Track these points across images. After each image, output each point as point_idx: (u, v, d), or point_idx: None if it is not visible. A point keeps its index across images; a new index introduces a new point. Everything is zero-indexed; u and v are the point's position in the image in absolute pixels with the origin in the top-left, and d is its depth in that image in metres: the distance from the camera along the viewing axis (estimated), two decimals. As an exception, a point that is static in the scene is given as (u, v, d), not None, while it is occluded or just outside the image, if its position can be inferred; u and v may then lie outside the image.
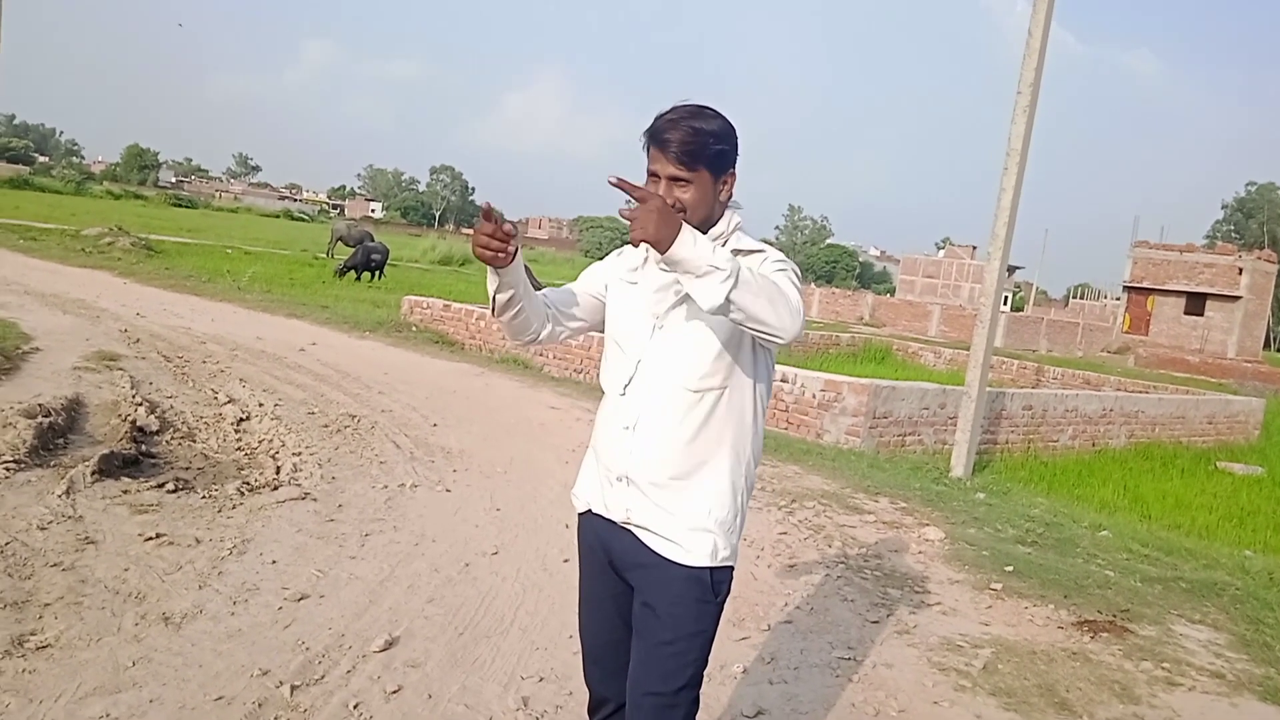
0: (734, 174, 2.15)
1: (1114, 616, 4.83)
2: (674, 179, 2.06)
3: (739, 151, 2.14)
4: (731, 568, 2.17)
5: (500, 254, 2.01)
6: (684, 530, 2.11)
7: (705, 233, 2.09)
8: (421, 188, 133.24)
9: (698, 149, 2.04)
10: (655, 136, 2.07)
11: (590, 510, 2.27)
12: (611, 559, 2.24)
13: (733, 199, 2.18)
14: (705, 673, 2.21)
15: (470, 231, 2.44)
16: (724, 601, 2.18)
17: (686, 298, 2.10)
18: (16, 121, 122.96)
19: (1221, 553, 6.51)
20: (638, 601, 2.18)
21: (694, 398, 2.12)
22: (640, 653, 2.17)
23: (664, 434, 2.13)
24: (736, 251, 2.09)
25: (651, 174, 2.10)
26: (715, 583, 2.13)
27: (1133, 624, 4.76)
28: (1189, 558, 6.20)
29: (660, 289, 2.17)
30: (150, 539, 4.17)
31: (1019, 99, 8.10)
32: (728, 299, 1.82)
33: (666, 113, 2.09)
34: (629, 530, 2.17)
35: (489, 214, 1.98)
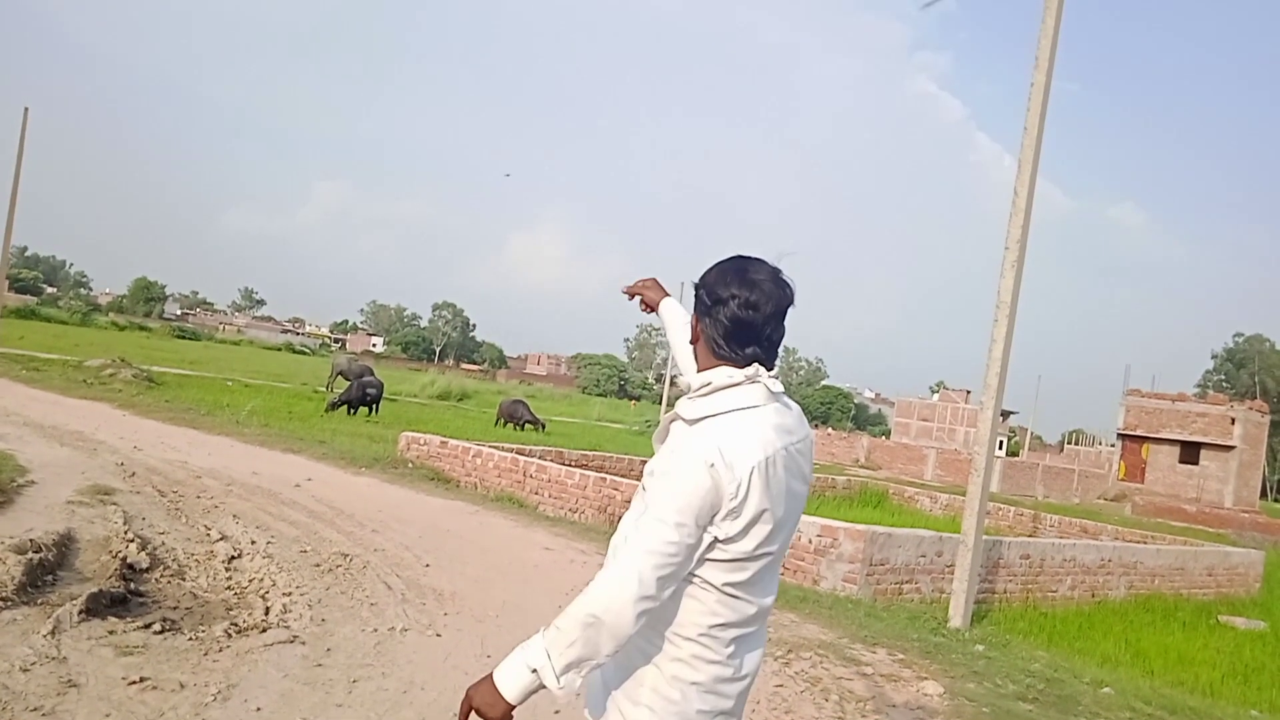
0: (696, 318, 2.10)
1: (1119, 780, 4.70)
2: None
3: (707, 301, 2.07)
4: None
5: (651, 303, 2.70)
6: (598, 683, 2.07)
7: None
8: (423, 323, 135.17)
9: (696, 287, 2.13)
10: None
11: None
12: None
13: (755, 367, 2.04)
14: None
15: (469, 367, 2.75)
16: None
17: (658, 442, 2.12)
18: (29, 253, 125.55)
19: (1226, 712, 6.38)
20: None
21: (612, 551, 2.12)
22: None
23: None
24: (679, 413, 2.04)
25: None
26: None
27: (1138, 789, 4.62)
28: (1194, 718, 6.07)
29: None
30: (134, 683, 4.10)
31: (1007, 255, 8.38)
32: (563, 672, 1.86)
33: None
34: None
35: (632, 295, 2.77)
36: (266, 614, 5.42)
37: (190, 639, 4.78)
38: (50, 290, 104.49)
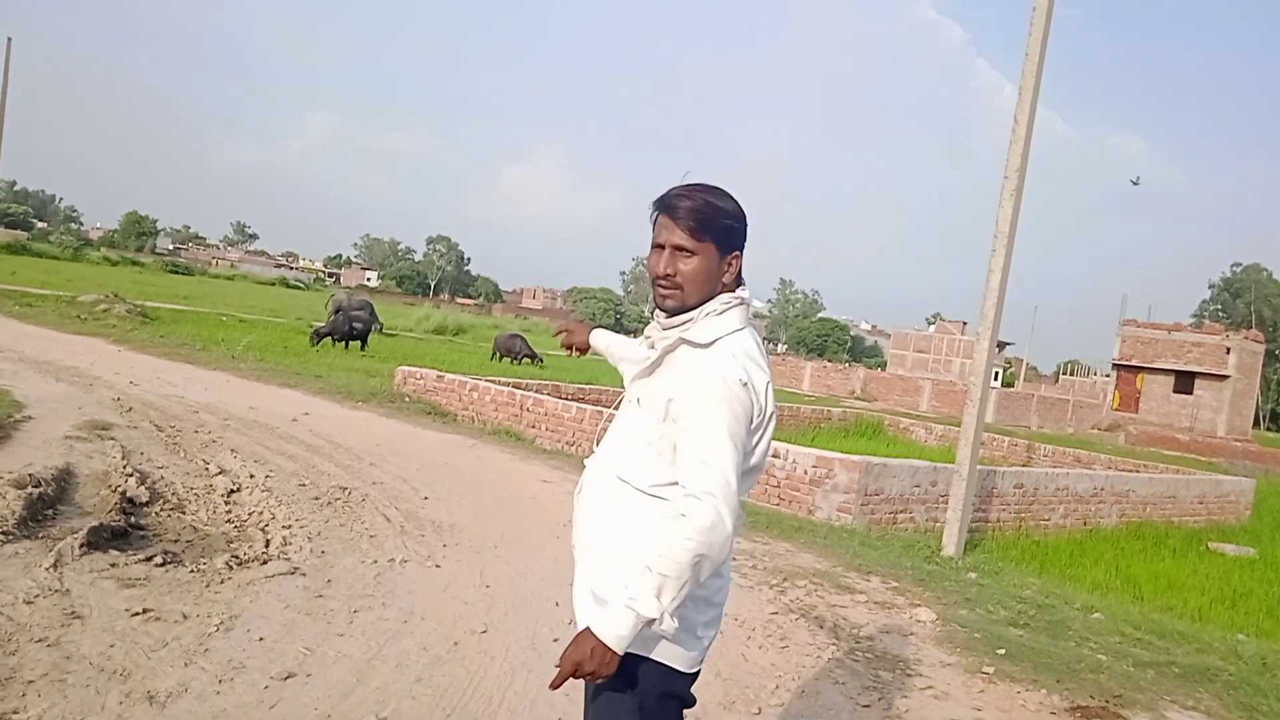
0: (739, 256, 2.09)
1: (1107, 702, 4.79)
2: (679, 248, 2.02)
3: (747, 237, 2.09)
4: (650, 661, 2.00)
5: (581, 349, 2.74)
6: (595, 605, 2.06)
7: (695, 307, 2.04)
8: (418, 257, 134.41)
9: (708, 220, 2.01)
10: (665, 204, 2.04)
11: None
12: None
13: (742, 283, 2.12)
14: None
15: (464, 301, 2.80)
16: (642, 695, 2.00)
17: (639, 379, 2.12)
18: (17, 188, 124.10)
19: (1214, 636, 6.48)
20: None
21: (615, 483, 2.09)
22: None
23: (587, 508, 2.15)
24: (684, 339, 2.03)
25: (656, 245, 2.06)
26: (623, 670, 1.95)
27: (1125, 710, 4.72)
28: (1181, 641, 6.17)
29: (631, 364, 2.21)
30: (137, 614, 4.14)
31: (1006, 184, 8.29)
32: (673, 611, 1.87)
33: (681, 186, 2.07)
34: None
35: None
36: (267, 546, 5.46)
37: (192, 571, 4.82)
38: (40, 225, 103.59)
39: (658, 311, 2.14)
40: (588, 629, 1.90)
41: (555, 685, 1.90)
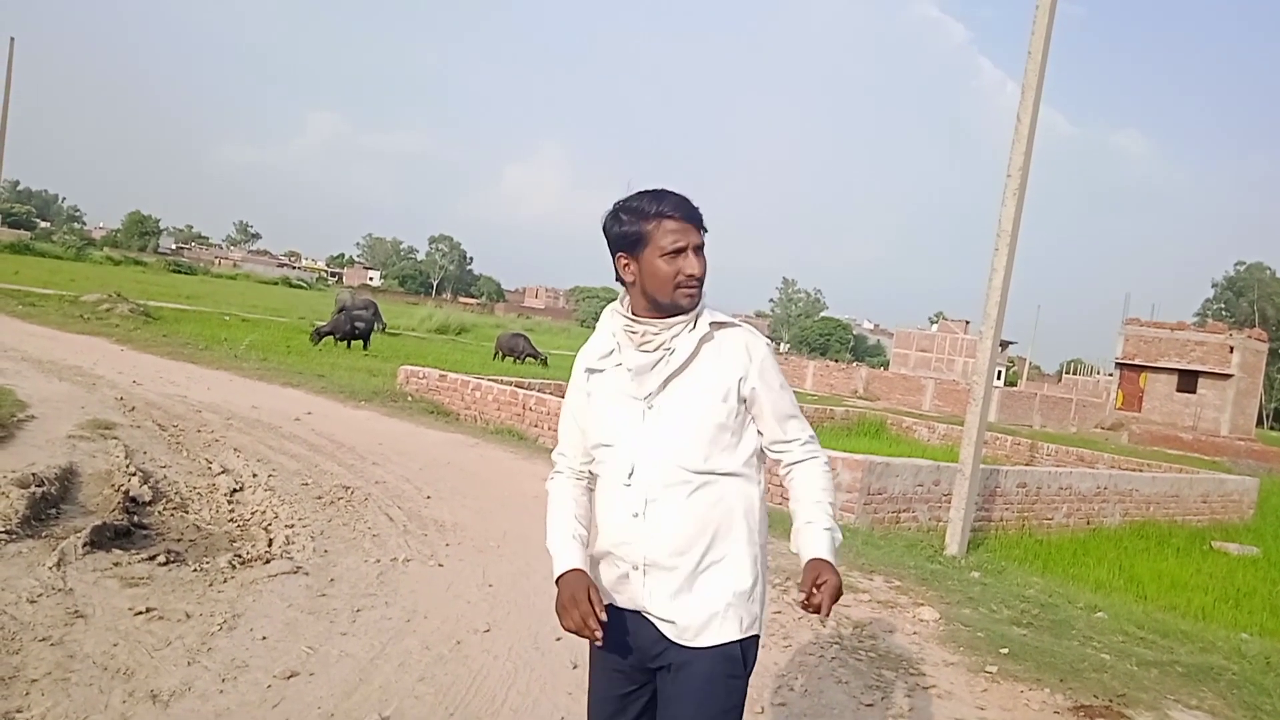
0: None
1: (1110, 701, 4.79)
2: (698, 248, 2.16)
3: None
4: (757, 637, 2.19)
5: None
6: (708, 613, 2.11)
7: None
8: (420, 256, 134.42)
9: (701, 217, 2.18)
10: (668, 211, 2.13)
11: (608, 604, 2.17)
12: (632, 654, 2.19)
13: None
14: None
15: (467, 300, 2.58)
16: (751, 673, 2.20)
17: (671, 379, 2.14)
18: (20, 187, 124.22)
19: (1218, 635, 6.47)
20: (664, 694, 2.15)
21: (699, 479, 2.13)
22: None
23: (675, 518, 2.12)
24: (713, 324, 2.18)
25: (677, 250, 2.12)
26: (745, 655, 2.14)
27: (1129, 709, 4.71)
28: (1185, 640, 6.16)
29: (642, 372, 2.16)
30: (140, 613, 4.14)
31: (1009, 182, 8.27)
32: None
33: (658, 193, 2.15)
34: (651, 621, 2.15)
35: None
36: (270, 545, 5.46)
37: (195, 570, 4.83)
38: (43, 225, 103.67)
39: (636, 315, 2.18)
40: (817, 559, 2.11)
41: (828, 614, 2.07)
